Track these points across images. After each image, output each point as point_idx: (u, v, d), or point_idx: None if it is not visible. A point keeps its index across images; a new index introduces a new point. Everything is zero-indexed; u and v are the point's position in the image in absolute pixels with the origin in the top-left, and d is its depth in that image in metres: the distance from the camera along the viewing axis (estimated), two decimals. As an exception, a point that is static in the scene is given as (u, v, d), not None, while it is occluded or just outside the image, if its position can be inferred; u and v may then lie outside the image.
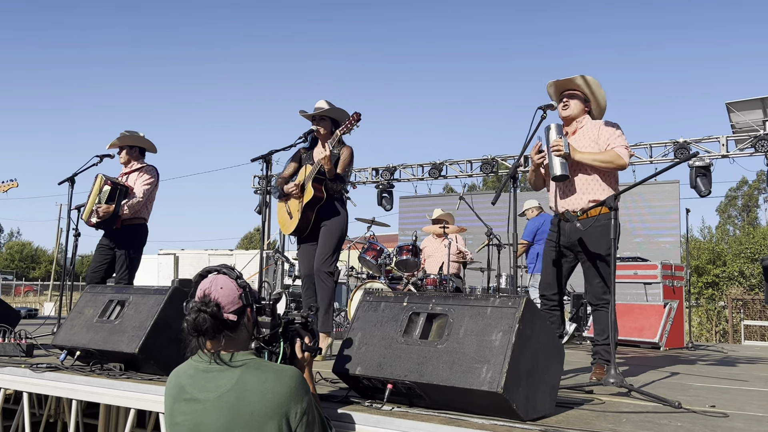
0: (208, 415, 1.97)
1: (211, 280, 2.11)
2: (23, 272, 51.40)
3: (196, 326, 2.01)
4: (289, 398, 1.98)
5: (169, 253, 18.09)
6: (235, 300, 2.08)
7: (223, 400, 1.97)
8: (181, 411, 2.03)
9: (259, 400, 1.95)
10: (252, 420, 1.94)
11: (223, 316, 2.04)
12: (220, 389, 1.98)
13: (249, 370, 2.01)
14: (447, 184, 30.19)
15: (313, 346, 2.33)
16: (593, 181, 3.79)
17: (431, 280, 7.27)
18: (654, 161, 11.19)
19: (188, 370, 2.08)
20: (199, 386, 2.02)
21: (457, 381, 2.36)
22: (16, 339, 4.05)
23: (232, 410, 1.95)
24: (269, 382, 1.98)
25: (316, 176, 4.52)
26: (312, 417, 2.03)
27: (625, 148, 3.76)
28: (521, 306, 2.40)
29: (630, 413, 2.67)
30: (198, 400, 2.00)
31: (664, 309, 6.94)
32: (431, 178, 13.31)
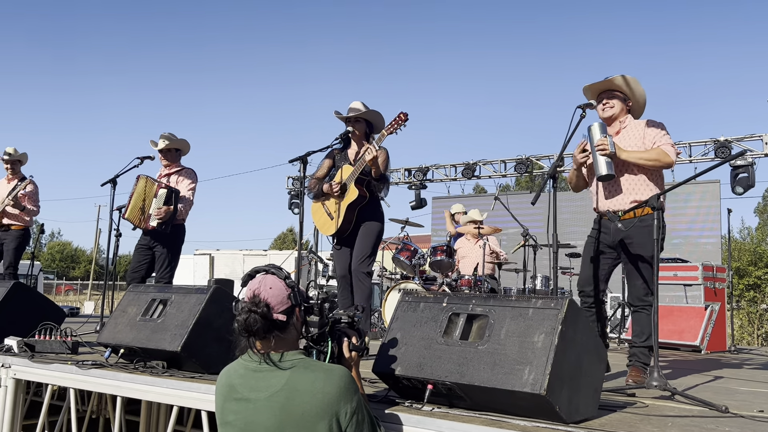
0: (260, 414, 1.99)
1: (259, 280, 2.11)
2: (64, 272, 52.77)
3: (247, 327, 2.02)
4: (339, 398, 1.98)
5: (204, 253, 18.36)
6: (284, 300, 2.08)
7: (273, 400, 1.98)
8: (232, 410, 2.05)
9: (309, 400, 1.96)
10: (303, 420, 1.95)
11: (273, 316, 2.05)
12: (271, 389, 2.00)
13: (299, 370, 2.02)
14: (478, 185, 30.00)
15: (360, 346, 2.32)
16: (639, 181, 3.72)
17: (466, 281, 7.24)
18: (694, 160, 10.96)
19: (238, 369, 2.10)
20: (250, 386, 2.03)
21: (499, 382, 2.35)
22: (62, 337, 4.15)
23: (282, 410, 1.96)
24: (319, 381, 1.99)
25: (359, 177, 4.54)
26: (361, 417, 2.03)
27: (671, 146, 3.69)
28: (564, 307, 2.38)
29: (675, 417, 2.62)
30: (249, 400, 2.02)
31: (706, 311, 6.78)
32: (464, 179, 13.26)
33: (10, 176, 6.79)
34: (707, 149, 10.88)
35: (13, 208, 6.51)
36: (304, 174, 4.66)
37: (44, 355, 3.95)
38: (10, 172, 6.80)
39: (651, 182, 3.73)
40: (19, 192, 6.51)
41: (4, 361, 3.93)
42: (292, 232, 49.79)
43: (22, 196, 6.54)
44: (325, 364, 2.11)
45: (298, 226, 4.57)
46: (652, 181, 3.73)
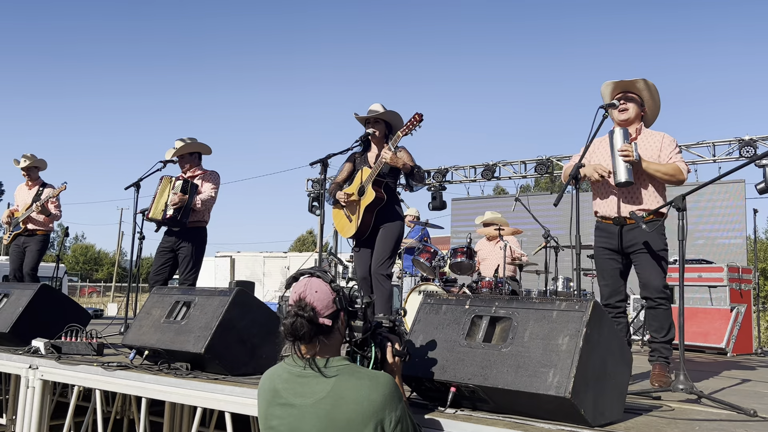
0: (304, 421, 1.96)
1: (304, 283, 2.08)
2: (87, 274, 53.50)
3: (293, 331, 1.99)
4: (384, 405, 1.95)
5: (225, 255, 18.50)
6: (329, 304, 2.05)
7: (319, 407, 1.96)
8: (276, 415, 2.03)
9: (355, 408, 1.93)
10: (348, 427, 1.93)
11: (319, 320, 2.01)
12: (316, 395, 1.97)
13: (344, 377, 1.99)
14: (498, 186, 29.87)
15: (402, 351, 2.29)
16: (649, 190, 3.79)
17: (486, 283, 7.20)
18: (717, 160, 10.80)
19: (282, 374, 2.07)
20: (294, 391, 2.01)
21: (523, 385, 2.34)
22: (88, 338, 4.21)
23: (327, 417, 1.94)
24: (365, 389, 1.96)
25: (377, 178, 4.54)
26: (406, 425, 2.00)
27: (684, 164, 3.77)
28: (588, 309, 2.36)
29: (702, 421, 2.58)
30: (293, 405, 1.99)
31: (731, 313, 6.68)
32: (484, 180, 13.19)
33: (29, 182, 6.89)
34: (731, 148, 10.71)
35: (39, 214, 6.62)
36: (325, 176, 4.67)
37: (70, 357, 4.01)
38: (28, 179, 6.89)
39: (658, 193, 3.80)
40: (50, 198, 6.61)
41: (31, 362, 3.99)
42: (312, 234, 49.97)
43: (47, 202, 6.65)
44: (370, 371, 2.08)
45: (318, 228, 4.58)
46: (659, 193, 3.81)
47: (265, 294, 16.37)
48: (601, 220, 3.93)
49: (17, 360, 4.09)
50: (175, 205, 5.32)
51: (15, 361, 4.10)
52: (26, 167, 6.86)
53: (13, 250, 6.80)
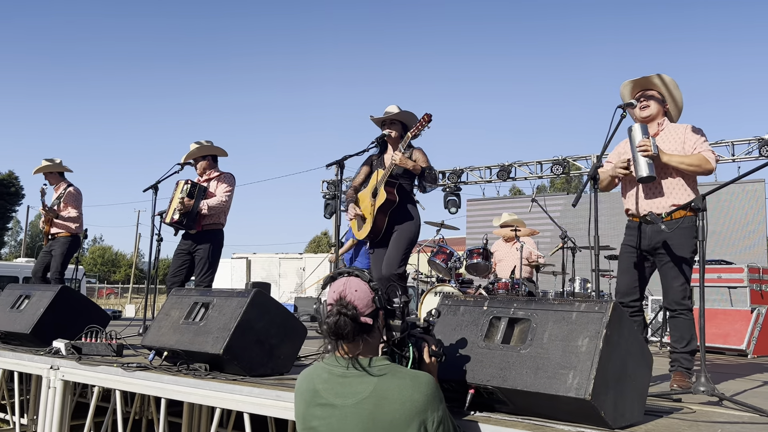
0: (347, 421, 1.95)
1: (343, 282, 2.08)
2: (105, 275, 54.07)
3: (337, 329, 1.98)
4: (426, 405, 1.95)
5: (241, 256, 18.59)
6: (369, 303, 2.05)
7: (361, 407, 1.95)
8: (316, 415, 2.02)
9: (398, 408, 1.92)
10: (391, 428, 1.92)
11: (361, 319, 2.01)
12: (358, 396, 1.96)
13: (387, 377, 1.98)
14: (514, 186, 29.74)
15: (438, 352, 2.29)
16: (677, 185, 3.68)
17: (503, 284, 7.17)
18: (737, 159, 10.68)
19: (322, 374, 2.06)
20: (335, 391, 2.00)
21: (542, 387, 2.32)
22: (107, 339, 4.25)
23: (370, 417, 1.93)
24: (407, 389, 1.95)
25: (389, 180, 4.53)
26: (447, 426, 2.00)
27: (711, 153, 3.65)
28: (608, 311, 2.34)
29: (724, 423, 2.55)
30: (335, 406, 1.98)
31: (752, 314, 6.59)
32: (499, 180, 13.15)
33: (56, 186, 6.95)
34: (751, 148, 10.60)
35: (56, 219, 6.69)
36: (341, 178, 4.68)
37: (91, 358, 4.05)
38: (51, 183, 6.95)
39: (689, 187, 3.69)
40: (62, 201, 6.69)
41: (53, 363, 4.04)
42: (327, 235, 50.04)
43: (65, 205, 6.72)
44: (411, 371, 2.06)
45: (333, 230, 4.59)
46: (690, 186, 3.69)
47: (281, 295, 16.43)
48: (630, 218, 3.88)
49: (39, 361, 4.14)
50: (180, 210, 5.37)
51: (37, 362, 4.15)
52: (45, 173, 6.91)
53: (42, 253, 6.88)
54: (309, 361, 4.17)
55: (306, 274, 16.69)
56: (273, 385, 3.16)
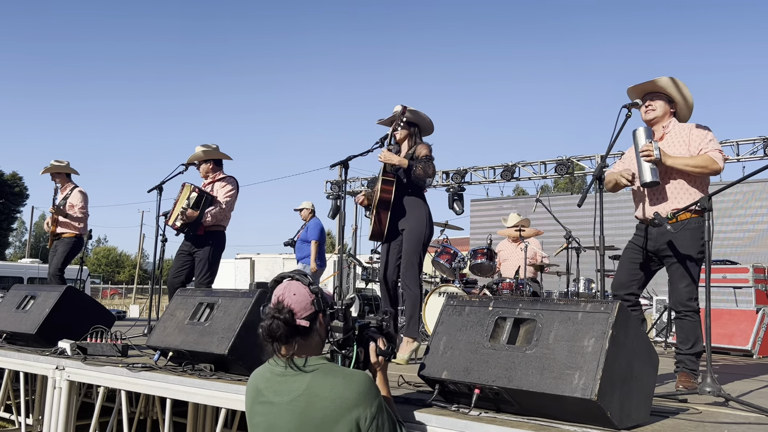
0: (281, 418, 2.04)
1: (284, 286, 2.16)
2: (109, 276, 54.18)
3: (270, 332, 2.07)
4: (358, 403, 2.01)
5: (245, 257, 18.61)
6: (307, 306, 2.12)
7: (295, 404, 2.02)
8: (258, 412, 2.11)
9: (329, 405, 1.99)
10: (322, 424, 1.99)
11: (296, 322, 2.09)
12: (293, 393, 2.04)
13: (320, 375, 2.05)
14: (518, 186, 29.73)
15: (386, 350, 2.32)
16: (683, 187, 3.66)
17: (507, 284, 7.16)
18: (742, 159, 10.65)
19: (265, 373, 2.15)
20: (274, 390, 2.08)
21: (548, 387, 2.32)
22: (112, 340, 4.26)
23: (302, 414, 2.01)
24: (339, 387, 2.02)
25: (384, 178, 4.52)
26: (381, 421, 2.05)
27: (719, 152, 3.61)
28: (614, 311, 2.34)
29: (730, 424, 2.54)
30: (272, 403, 2.07)
31: (757, 315, 6.57)
32: (503, 180, 13.14)
33: (62, 186, 6.97)
34: (756, 147, 10.56)
35: (63, 218, 6.70)
36: (345, 178, 4.68)
37: (96, 358, 4.06)
38: (57, 182, 6.97)
39: (694, 187, 3.65)
40: (68, 201, 6.72)
41: (58, 363, 4.05)
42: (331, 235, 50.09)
43: (71, 206, 6.74)
44: (346, 369, 2.14)
45: (337, 230, 4.58)
46: (695, 186, 3.66)
47: (285, 295, 16.34)
48: (638, 221, 3.87)
49: (44, 361, 4.15)
50: (183, 220, 5.38)
51: (42, 362, 4.16)
52: (49, 173, 6.94)
53: (49, 254, 6.92)
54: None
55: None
56: (278, 385, 3.15)
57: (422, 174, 4.38)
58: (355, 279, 12.89)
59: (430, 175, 4.43)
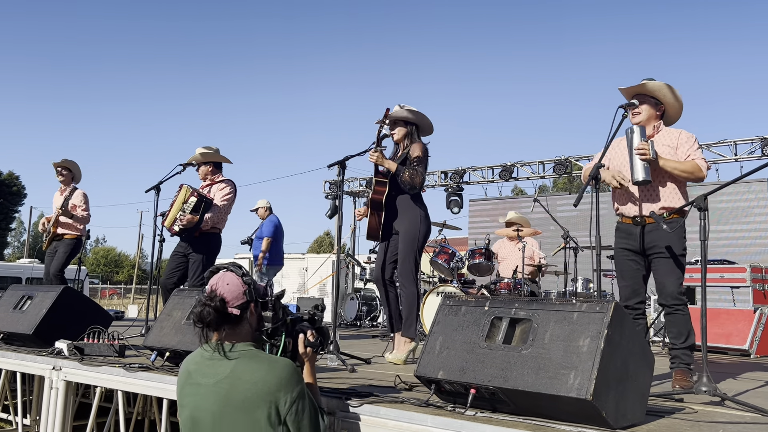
0: (206, 399, 2.16)
1: (219, 276, 2.28)
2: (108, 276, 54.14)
3: (201, 318, 2.19)
4: (278, 387, 2.12)
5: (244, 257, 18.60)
6: (239, 296, 2.24)
7: (219, 387, 2.14)
8: (186, 393, 2.23)
9: (250, 388, 2.11)
10: (243, 406, 2.10)
11: (227, 310, 2.21)
12: (218, 376, 2.16)
13: (244, 360, 2.17)
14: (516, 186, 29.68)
15: (315, 342, 2.42)
16: (670, 189, 3.74)
17: (505, 284, 7.16)
18: (739, 159, 10.66)
19: (196, 357, 2.27)
20: (202, 372, 2.20)
21: (544, 387, 2.32)
22: (109, 340, 4.25)
23: (226, 396, 2.12)
24: (261, 371, 2.14)
25: (376, 179, 4.53)
26: (302, 406, 2.16)
27: (703, 161, 3.72)
28: (610, 311, 2.34)
29: (726, 423, 2.54)
30: (200, 385, 2.19)
31: (755, 314, 6.58)
32: (502, 180, 13.14)
33: (63, 187, 6.96)
34: (754, 147, 10.57)
35: (66, 219, 6.70)
36: (342, 178, 4.68)
37: (93, 358, 4.06)
38: (62, 183, 6.95)
39: (680, 192, 3.76)
40: (71, 202, 6.71)
41: (55, 363, 4.04)
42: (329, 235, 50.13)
43: (73, 206, 6.73)
44: (271, 356, 2.24)
45: (336, 230, 4.58)
46: (680, 191, 3.76)
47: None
48: (621, 219, 3.90)
49: (41, 361, 4.15)
50: (183, 225, 5.37)
51: (39, 363, 4.16)
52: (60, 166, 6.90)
53: (47, 255, 6.88)
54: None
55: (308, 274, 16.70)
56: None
57: (408, 181, 4.39)
58: (353, 279, 12.88)
59: (416, 184, 4.40)
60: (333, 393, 2.88)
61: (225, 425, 2.11)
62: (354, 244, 14.71)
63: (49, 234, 6.76)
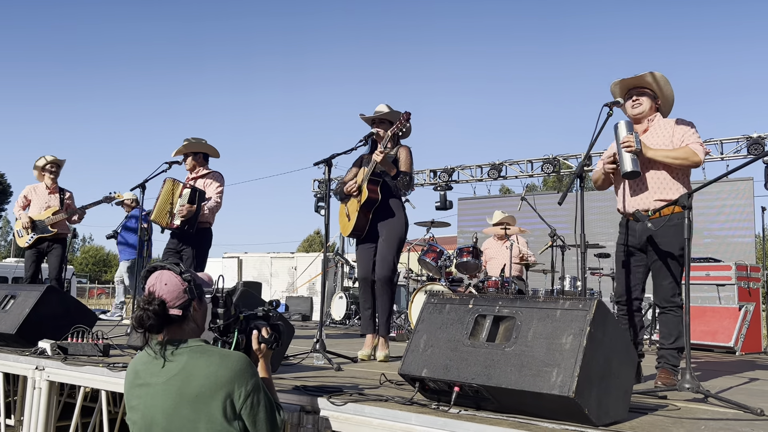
0: (157, 398, 2.10)
1: (156, 276, 2.20)
2: (96, 276, 53.72)
3: (141, 323, 2.13)
4: (233, 380, 2.08)
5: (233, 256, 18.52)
6: (179, 295, 2.17)
7: (171, 384, 2.10)
8: (135, 395, 2.17)
9: (203, 382, 2.07)
10: (197, 400, 2.06)
11: (168, 312, 2.15)
12: (169, 374, 2.11)
13: (195, 355, 2.12)
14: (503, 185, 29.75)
15: (269, 339, 2.37)
16: (664, 179, 3.68)
17: (493, 282, 7.18)
18: (726, 158, 10.72)
19: (143, 357, 2.21)
20: (151, 372, 2.14)
21: (527, 384, 2.32)
22: (94, 339, 4.22)
23: (178, 393, 2.08)
24: (214, 365, 2.09)
25: (371, 177, 4.53)
26: (257, 400, 2.12)
27: (699, 145, 3.65)
28: (592, 308, 2.34)
29: (708, 420, 2.56)
30: (149, 385, 2.13)
31: (740, 312, 6.63)
32: (490, 179, 13.15)
33: (51, 185, 6.86)
34: (740, 146, 10.63)
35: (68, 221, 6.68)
36: (329, 177, 4.67)
37: (77, 358, 4.02)
38: (52, 181, 6.86)
39: (677, 181, 3.68)
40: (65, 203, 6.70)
41: (38, 363, 4.00)
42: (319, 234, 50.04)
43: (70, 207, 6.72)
44: (223, 350, 2.19)
45: (324, 229, 4.57)
46: (678, 180, 3.68)
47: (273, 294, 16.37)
48: (621, 216, 3.89)
49: (24, 361, 4.10)
50: (183, 216, 5.33)
51: (22, 363, 4.12)
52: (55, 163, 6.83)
53: (31, 255, 6.71)
54: (297, 360, 4.16)
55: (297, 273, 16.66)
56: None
57: (403, 188, 4.56)
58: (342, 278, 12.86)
59: (408, 191, 4.63)
60: (318, 391, 2.88)
61: (180, 422, 2.06)
62: (343, 243, 14.68)
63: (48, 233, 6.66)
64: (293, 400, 2.87)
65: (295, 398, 2.88)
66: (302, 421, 2.81)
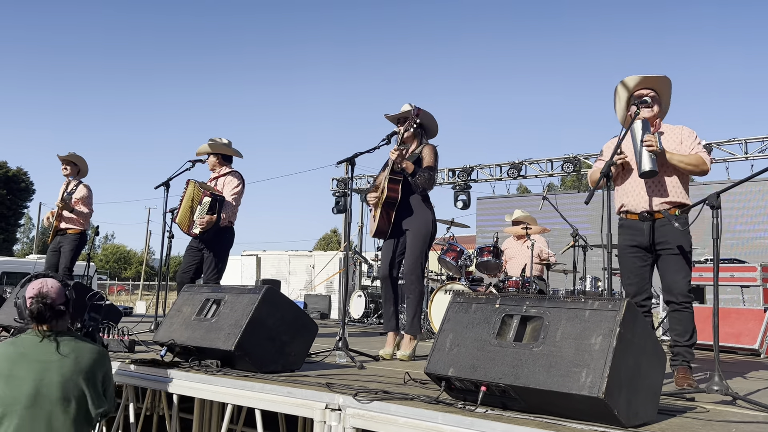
0: (53, 371, 2.74)
1: (42, 281, 2.91)
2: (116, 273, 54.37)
3: (39, 315, 2.81)
4: (106, 359, 2.94)
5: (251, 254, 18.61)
6: (62, 296, 2.91)
7: (66, 360, 2.78)
8: (24, 368, 2.73)
9: (93, 357, 2.85)
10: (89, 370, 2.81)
11: (56, 307, 2.86)
12: (63, 352, 2.79)
13: (80, 342, 2.88)
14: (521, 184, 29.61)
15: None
16: (675, 183, 3.73)
17: (513, 282, 7.14)
18: (750, 157, 10.58)
19: (28, 341, 2.82)
20: (42, 351, 2.78)
21: (555, 385, 2.31)
22: (119, 335, 4.27)
23: (75, 365, 2.78)
24: (95, 349, 2.90)
25: (391, 176, 4.52)
26: (110, 376, 2.97)
27: (707, 154, 3.73)
28: (622, 309, 2.33)
29: (738, 423, 2.53)
30: (42, 362, 2.76)
31: (765, 314, 6.53)
32: (510, 178, 13.10)
33: (67, 180, 6.97)
34: (764, 145, 10.49)
35: (68, 213, 6.69)
36: (351, 175, 4.68)
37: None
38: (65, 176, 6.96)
39: (683, 185, 3.76)
40: (74, 196, 6.70)
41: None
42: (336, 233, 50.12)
43: (76, 201, 6.72)
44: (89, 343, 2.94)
45: (343, 228, 4.57)
46: (683, 185, 3.76)
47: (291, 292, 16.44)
48: (626, 216, 3.87)
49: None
50: (203, 227, 5.38)
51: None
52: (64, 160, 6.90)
53: (49, 250, 6.87)
54: (320, 357, 4.18)
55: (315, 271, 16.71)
56: (284, 381, 3.16)
57: (422, 184, 4.47)
58: (360, 276, 12.87)
59: (428, 187, 4.55)
60: (343, 389, 2.89)
61: (73, 387, 2.75)
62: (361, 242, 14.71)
63: (52, 228, 6.76)
64: (318, 397, 2.89)
65: (319, 395, 2.89)
66: (327, 418, 2.82)
